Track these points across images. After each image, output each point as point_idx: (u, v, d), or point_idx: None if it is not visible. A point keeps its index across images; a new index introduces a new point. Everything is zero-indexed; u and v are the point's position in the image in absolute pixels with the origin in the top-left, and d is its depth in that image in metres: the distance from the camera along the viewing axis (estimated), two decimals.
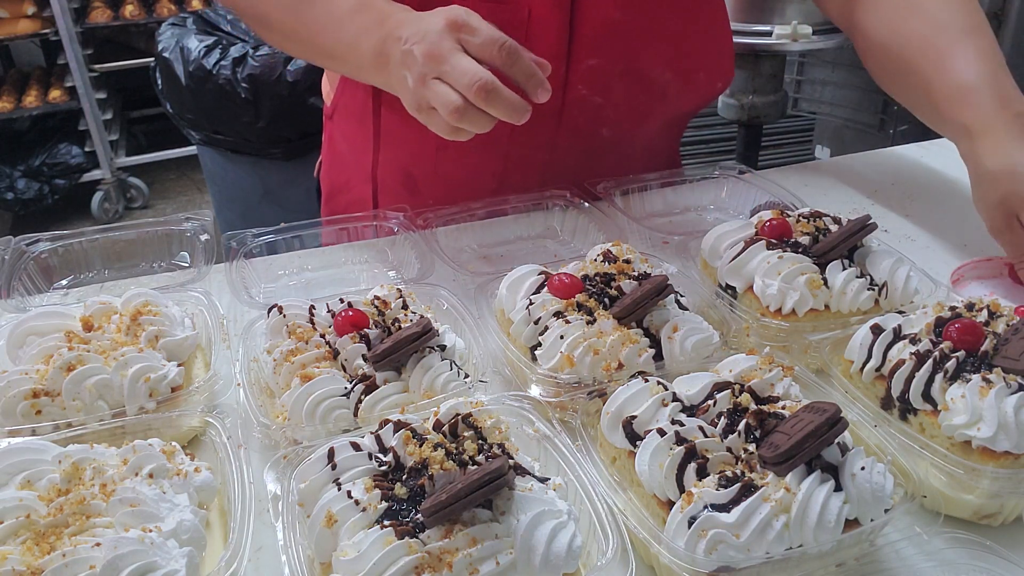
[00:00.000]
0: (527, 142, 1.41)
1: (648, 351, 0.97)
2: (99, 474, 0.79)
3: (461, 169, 1.45)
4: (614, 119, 1.44)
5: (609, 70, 1.37)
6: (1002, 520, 0.85)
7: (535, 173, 1.46)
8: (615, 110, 1.43)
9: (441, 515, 0.71)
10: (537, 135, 1.41)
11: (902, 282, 1.08)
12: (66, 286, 1.29)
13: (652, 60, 1.40)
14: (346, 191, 1.57)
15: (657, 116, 1.50)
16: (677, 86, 1.45)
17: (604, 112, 1.42)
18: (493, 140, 1.40)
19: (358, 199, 1.54)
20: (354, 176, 1.55)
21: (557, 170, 1.46)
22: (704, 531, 0.73)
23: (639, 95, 1.43)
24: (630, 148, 1.52)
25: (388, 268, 1.35)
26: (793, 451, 0.75)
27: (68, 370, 0.92)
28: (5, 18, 4.23)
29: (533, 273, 1.08)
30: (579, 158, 1.47)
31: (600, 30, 1.34)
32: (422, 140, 1.40)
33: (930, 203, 1.50)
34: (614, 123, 1.45)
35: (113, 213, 4.70)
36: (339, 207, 1.58)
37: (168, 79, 3.08)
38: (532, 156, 1.44)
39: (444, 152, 1.43)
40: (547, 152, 1.44)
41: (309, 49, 1.32)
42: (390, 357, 0.94)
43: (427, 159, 1.45)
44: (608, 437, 0.86)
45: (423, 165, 1.46)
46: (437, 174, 1.46)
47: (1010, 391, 0.83)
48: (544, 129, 1.40)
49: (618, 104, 1.42)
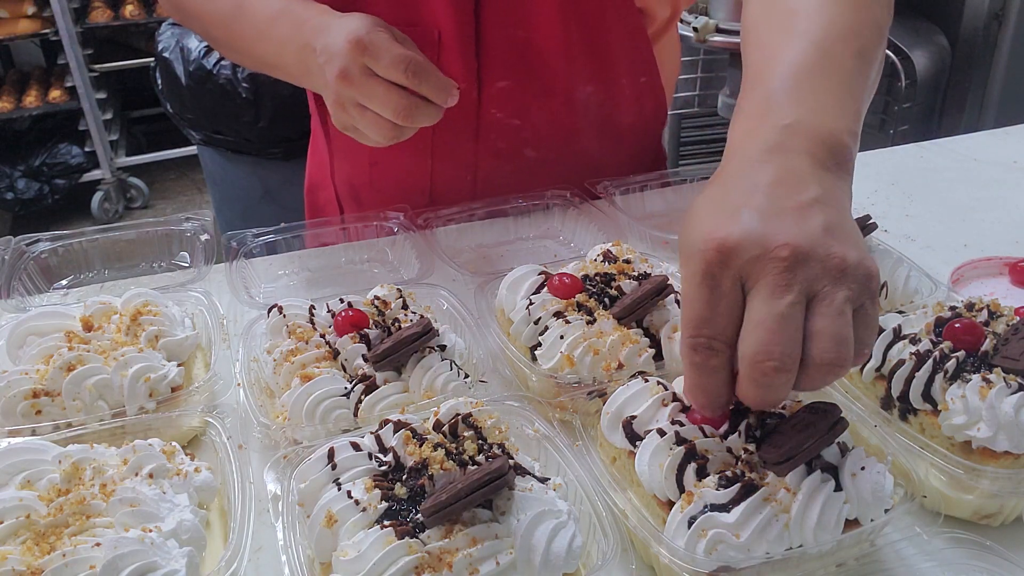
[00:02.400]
0: (450, 160, 1.41)
1: (648, 351, 0.97)
2: (99, 474, 0.79)
3: (393, 184, 1.46)
4: (535, 139, 1.41)
5: (522, 91, 1.35)
6: (1002, 520, 0.85)
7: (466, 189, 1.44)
8: (535, 131, 1.40)
9: (441, 515, 0.71)
10: (458, 154, 1.40)
11: (902, 282, 1.08)
12: (66, 286, 1.29)
13: (570, 78, 1.36)
14: (321, 189, 1.59)
15: (589, 132, 1.44)
16: (603, 100, 1.40)
17: (523, 133, 1.40)
18: (419, 159, 1.41)
19: (329, 199, 1.56)
20: (320, 178, 1.58)
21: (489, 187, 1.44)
22: (704, 531, 0.73)
23: (561, 114, 1.39)
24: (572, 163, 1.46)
25: (388, 268, 1.35)
26: (793, 451, 0.75)
27: (68, 370, 0.92)
28: (5, 18, 4.23)
29: (533, 273, 1.08)
30: (510, 176, 1.44)
31: (507, 51, 1.31)
32: (358, 152, 1.42)
33: (930, 203, 1.50)
34: (536, 143, 1.42)
35: (113, 213, 4.70)
36: (318, 202, 1.60)
37: (168, 79, 3.08)
38: (457, 174, 1.43)
39: (377, 168, 1.44)
40: (472, 171, 1.43)
41: (247, 60, 1.32)
42: (390, 357, 0.94)
43: (364, 172, 1.47)
44: (608, 437, 0.86)
45: (361, 177, 1.48)
46: (374, 187, 1.48)
47: (1010, 391, 0.83)
48: (464, 150, 1.40)
49: (538, 125, 1.39)
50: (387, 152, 1.24)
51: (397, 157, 1.41)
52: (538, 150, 1.43)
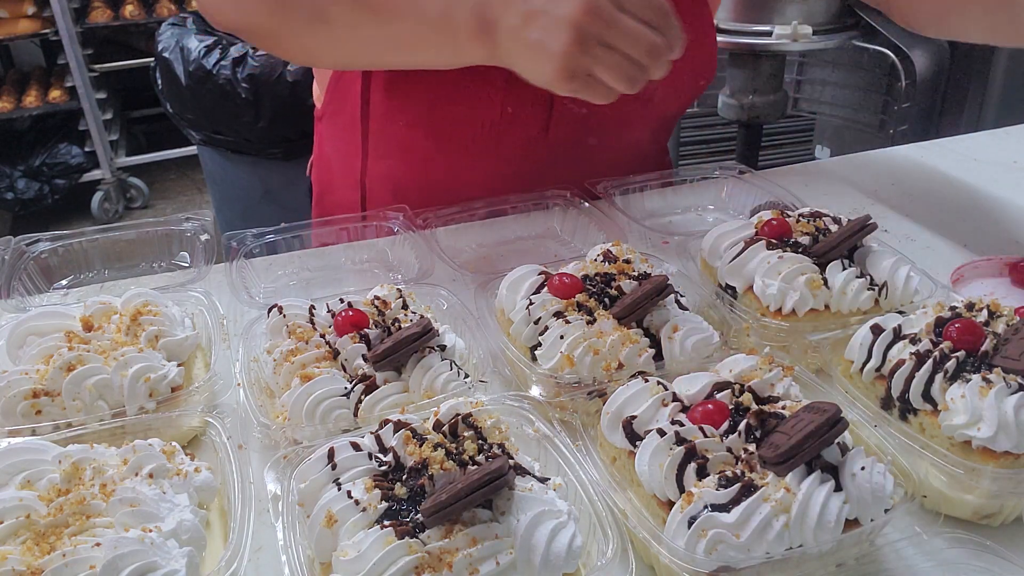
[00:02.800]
0: (514, 156, 1.41)
1: (648, 351, 0.97)
2: (99, 474, 0.79)
3: (451, 180, 1.45)
4: (599, 128, 1.43)
5: None
6: (1002, 520, 0.85)
7: (520, 184, 1.45)
8: (600, 119, 1.41)
9: (441, 515, 0.71)
10: (526, 149, 1.40)
11: (902, 282, 1.08)
12: (66, 286, 1.29)
13: None
14: (331, 192, 1.57)
15: (642, 121, 1.49)
16: (663, 89, 1.42)
17: (589, 122, 1.41)
18: (482, 154, 1.40)
19: (345, 202, 1.54)
20: (341, 180, 1.54)
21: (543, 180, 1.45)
22: (704, 531, 0.73)
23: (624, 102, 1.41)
24: (616, 153, 1.51)
25: (388, 268, 1.35)
26: (793, 451, 0.75)
27: (68, 370, 0.92)
28: (5, 18, 4.23)
29: (533, 273, 1.08)
30: (565, 168, 1.46)
31: None
32: (411, 150, 1.40)
33: (930, 203, 1.50)
34: (599, 132, 1.44)
35: (113, 213, 4.70)
36: (328, 209, 1.58)
37: (168, 79, 3.08)
38: (519, 169, 1.44)
39: (433, 163, 1.42)
40: (534, 164, 1.44)
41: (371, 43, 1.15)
42: (390, 357, 0.94)
43: (416, 169, 1.44)
44: (608, 437, 0.86)
45: (413, 175, 1.46)
46: (427, 184, 1.46)
47: (1010, 391, 0.83)
48: (532, 143, 1.40)
49: (603, 113, 1.39)
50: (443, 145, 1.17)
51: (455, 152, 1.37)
52: (600, 137, 1.44)
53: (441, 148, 1.23)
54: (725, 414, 0.83)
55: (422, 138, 1.39)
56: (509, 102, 1.34)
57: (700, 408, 0.84)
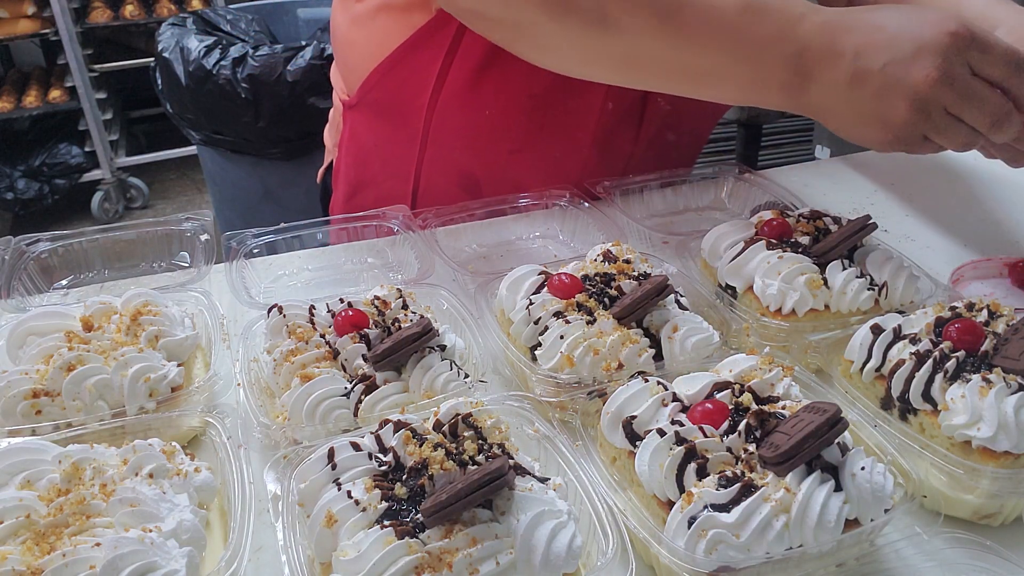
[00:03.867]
0: (607, 149, 1.40)
1: (648, 351, 0.97)
2: (99, 474, 0.79)
3: (535, 174, 1.42)
4: (679, 123, 1.45)
5: None
6: (1002, 520, 0.85)
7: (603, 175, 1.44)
8: (681, 115, 1.43)
9: (441, 515, 0.71)
10: (618, 142, 1.40)
11: (902, 282, 1.08)
12: (66, 286, 1.29)
13: None
14: (374, 185, 1.49)
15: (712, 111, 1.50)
16: None
17: (672, 119, 1.42)
18: (575, 148, 1.36)
19: (391, 194, 1.45)
20: (385, 171, 1.47)
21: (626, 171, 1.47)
22: (704, 531, 0.73)
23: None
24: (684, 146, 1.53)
25: (388, 268, 1.35)
26: (793, 451, 0.75)
27: (68, 370, 0.92)
28: (5, 18, 4.23)
29: (533, 273, 1.08)
30: (646, 163, 1.48)
31: None
32: (491, 141, 1.35)
33: (930, 203, 1.50)
34: (679, 127, 1.45)
35: (113, 213, 4.70)
36: (367, 202, 1.46)
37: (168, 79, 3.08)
38: (608, 163, 1.43)
39: (519, 155, 1.37)
40: (623, 159, 1.45)
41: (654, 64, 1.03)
42: (390, 357, 0.94)
43: (496, 161, 1.41)
44: (608, 437, 0.86)
45: (490, 167, 1.41)
46: (507, 177, 1.42)
47: (1010, 391, 0.83)
48: (625, 138, 1.40)
49: (686, 109, 1.38)
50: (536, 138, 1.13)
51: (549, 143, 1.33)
52: (676, 132, 1.44)
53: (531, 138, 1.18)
54: (725, 414, 0.83)
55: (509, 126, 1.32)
56: (611, 96, 1.32)
57: (700, 408, 0.84)
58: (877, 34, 0.88)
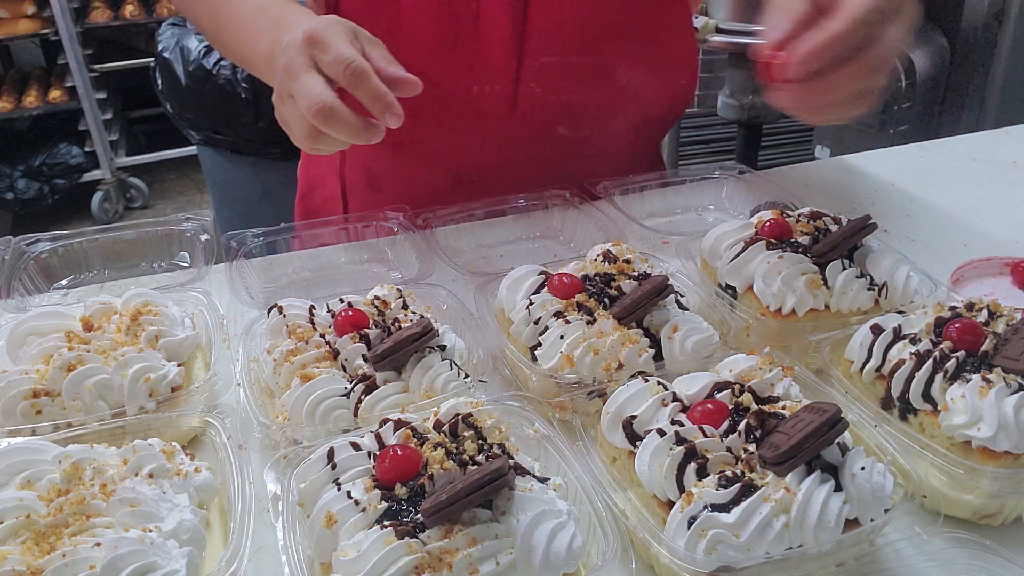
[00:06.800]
0: (480, 139, 1.40)
1: (648, 351, 0.97)
2: (99, 474, 0.79)
3: (418, 166, 1.45)
4: (571, 117, 1.42)
5: (564, 67, 1.36)
6: (1002, 520, 0.85)
7: (490, 171, 1.45)
8: (570, 108, 1.41)
9: (441, 515, 0.71)
10: (489, 131, 1.40)
11: (902, 282, 1.08)
12: (66, 286, 1.29)
13: (612, 57, 1.38)
14: (321, 187, 1.58)
15: (622, 118, 1.47)
16: (641, 85, 1.43)
17: (559, 110, 1.41)
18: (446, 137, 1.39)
19: (330, 196, 1.54)
20: (327, 173, 1.55)
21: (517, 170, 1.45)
22: (704, 531, 0.73)
23: (599, 93, 1.41)
24: (597, 149, 1.49)
25: (388, 268, 1.35)
26: (793, 451, 0.75)
27: (68, 370, 0.92)
28: (5, 18, 4.24)
29: (533, 273, 1.08)
30: (538, 159, 1.45)
31: (553, 27, 1.32)
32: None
33: (930, 203, 1.50)
34: (571, 122, 1.43)
35: (113, 213, 4.70)
36: (314, 204, 1.58)
37: (168, 79, 3.08)
38: (486, 153, 1.43)
39: (401, 149, 1.42)
40: (501, 150, 1.43)
41: (231, 54, 1.35)
42: (390, 357, 0.94)
43: (386, 157, 1.45)
44: (608, 437, 0.86)
45: (382, 163, 1.46)
46: (396, 172, 1.46)
47: (1010, 391, 0.83)
48: (496, 125, 1.39)
49: (575, 102, 1.40)
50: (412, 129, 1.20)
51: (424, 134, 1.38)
52: (571, 129, 1.44)
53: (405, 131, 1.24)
54: (725, 414, 0.83)
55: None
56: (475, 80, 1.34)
57: (700, 408, 0.84)
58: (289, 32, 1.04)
